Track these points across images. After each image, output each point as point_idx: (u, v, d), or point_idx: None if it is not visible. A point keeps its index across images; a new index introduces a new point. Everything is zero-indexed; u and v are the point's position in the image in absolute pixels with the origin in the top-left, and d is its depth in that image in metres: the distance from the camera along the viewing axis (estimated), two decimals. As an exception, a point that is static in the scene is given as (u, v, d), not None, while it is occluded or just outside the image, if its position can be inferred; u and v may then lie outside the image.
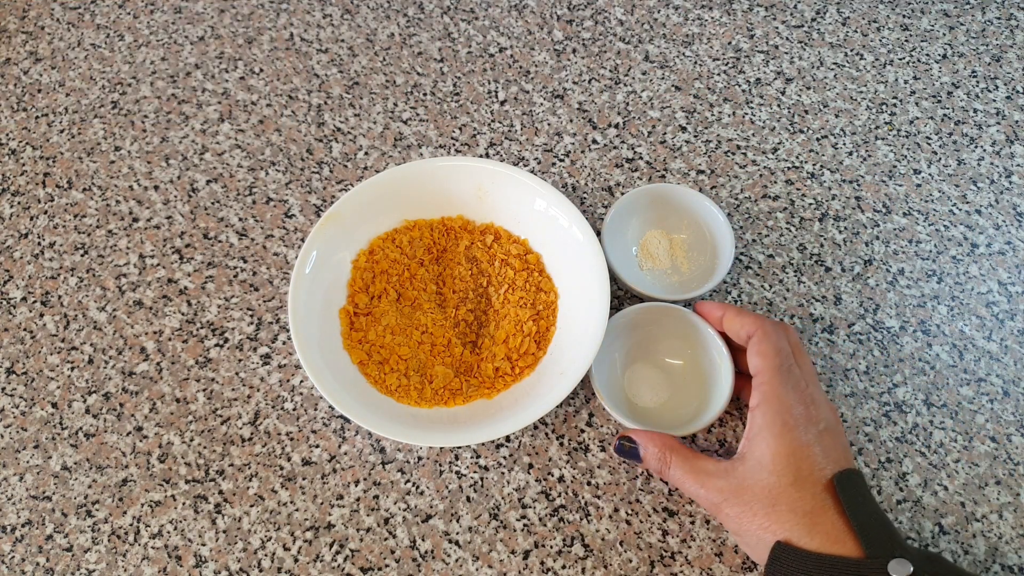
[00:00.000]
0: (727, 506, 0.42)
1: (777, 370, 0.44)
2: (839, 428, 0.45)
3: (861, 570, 0.38)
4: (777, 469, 0.41)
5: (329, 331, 0.51)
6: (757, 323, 0.46)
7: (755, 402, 0.44)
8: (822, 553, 0.39)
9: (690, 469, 0.44)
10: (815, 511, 0.40)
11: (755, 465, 0.42)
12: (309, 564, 0.47)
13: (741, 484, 0.42)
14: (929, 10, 0.68)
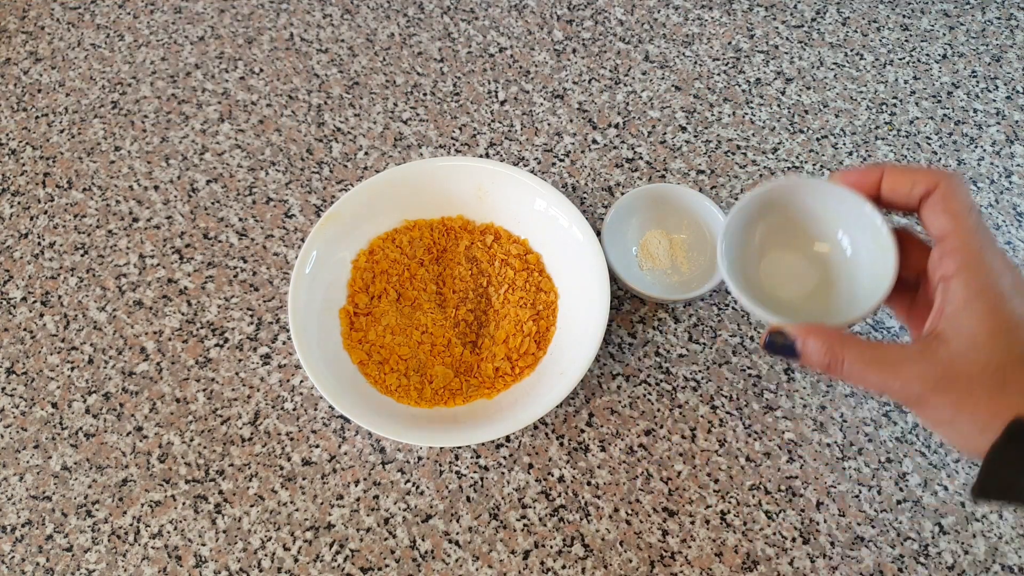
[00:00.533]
0: (934, 395, 0.35)
1: (975, 230, 0.35)
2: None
3: None
4: (1000, 346, 0.34)
5: (329, 331, 0.51)
6: (935, 176, 0.37)
7: (951, 269, 0.36)
8: None
9: (872, 359, 0.36)
10: None
11: (967, 343, 0.34)
12: (309, 564, 0.47)
13: (951, 367, 0.34)
14: (929, 10, 0.68)
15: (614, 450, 0.50)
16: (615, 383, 0.52)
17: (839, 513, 0.48)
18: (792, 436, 0.51)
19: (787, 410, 0.51)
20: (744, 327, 0.54)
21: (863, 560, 0.47)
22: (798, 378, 0.52)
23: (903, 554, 0.47)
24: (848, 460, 0.50)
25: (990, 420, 0.34)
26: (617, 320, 0.54)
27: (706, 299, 0.55)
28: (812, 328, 0.38)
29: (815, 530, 0.48)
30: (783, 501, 0.49)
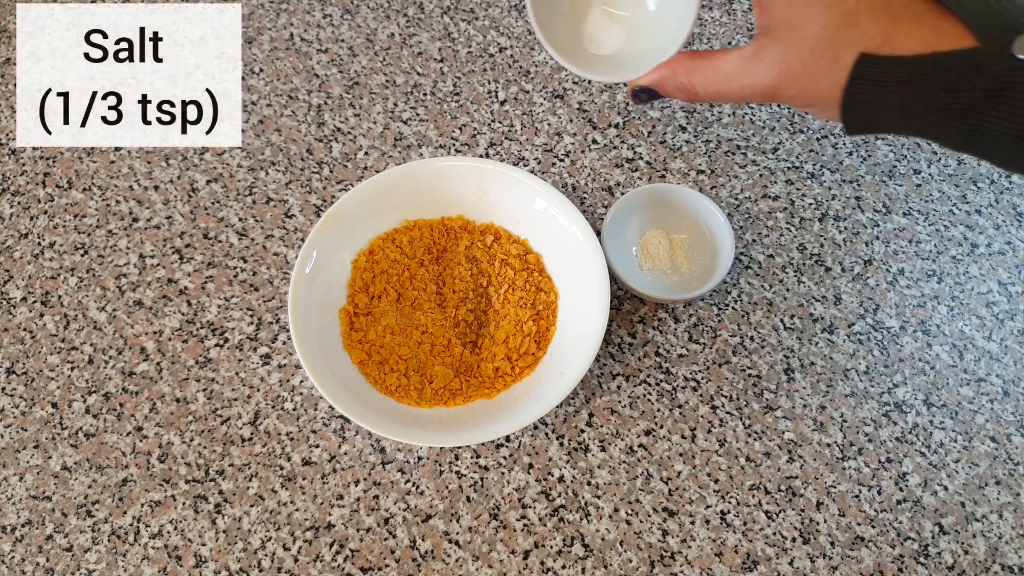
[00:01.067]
0: (784, 89, 0.34)
1: None
2: None
3: (975, 59, 0.29)
4: (818, 23, 0.32)
5: (329, 331, 0.51)
6: None
7: None
8: (920, 54, 0.30)
9: (717, 76, 0.36)
10: (896, 16, 0.31)
11: (787, 30, 0.33)
12: (309, 564, 0.47)
13: (782, 61, 0.34)
14: (929, 10, 0.68)
15: (614, 450, 0.50)
16: (615, 383, 0.52)
17: (839, 513, 0.48)
18: (792, 436, 0.51)
19: (787, 410, 0.51)
20: (744, 327, 0.54)
21: (863, 560, 0.47)
22: (798, 378, 0.52)
23: (903, 554, 0.47)
24: (848, 460, 0.50)
25: (837, 88, 0.33)
26: (617, 320, 0.54)
27: (706, 299, 0.55)
28: (657, 68, 0.38)
29: (815, 530, 0.48)
30: (783, 501, 0.49)
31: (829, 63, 0.32)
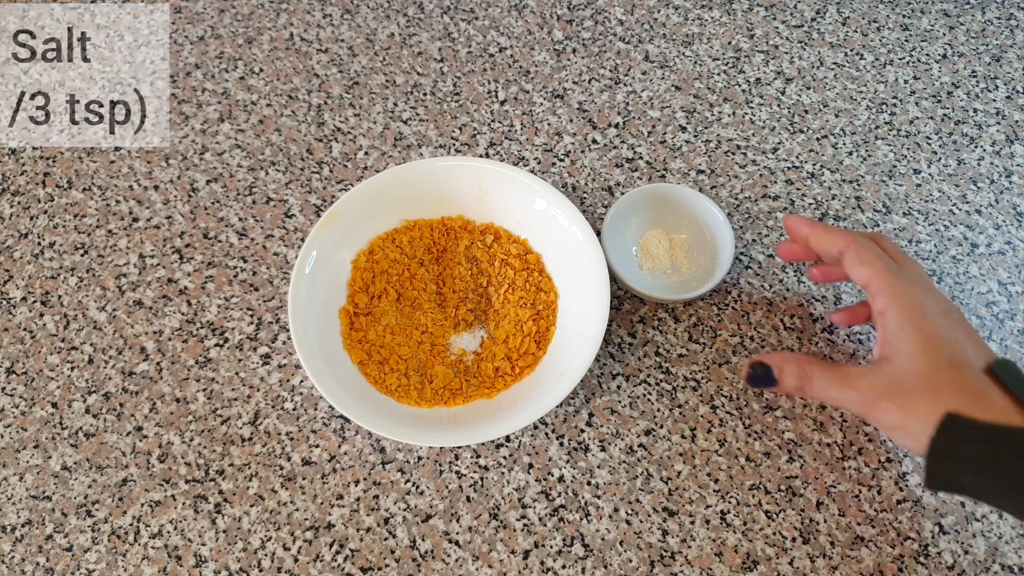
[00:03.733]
0: (884, 401, 0.41)
1: (888, 271, 0.43)
2: (967, 321, 0.44)
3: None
4: (931, 357, 0.40)
5: (329, 331, 0.51)
6: (847, 237, 0.45)
7: (881, 306, 0.43)
8: (995, 423, 0.37)
9: (836, 378, 0.43)
10: (981, 391, 0.39)
11: (906, 358, 0.41)
12: (309, 564, 0.47)
13: (895, 378, 0.41)
14: (929, 10, 0.68)
15: (614, 450, 0.50)
16: (615, 383, 0.52)
17: (839, 513, 0.48)
18: (792, 436, 0.51)
19: (787, 410, 0.51)
20: (744, 327, 0.54)
21: (863, 560, 0.47)
22: (798, 378, 0.52)
23: (903, 554, 0.47)
24: (848, 460, 0.50)
25: (929, 418, 0.39)
26: (617, 320, 0.54)
27: (706, 299, 0.55)
28: (786, 355, 0.45)
29: (815, 530, 0.48)
30: (783, 501, 0.49)
31: (931, 392, 0.39)
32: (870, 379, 0.42)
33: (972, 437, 0.38)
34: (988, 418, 0.37)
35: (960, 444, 0.38)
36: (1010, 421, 0.37)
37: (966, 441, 0.38)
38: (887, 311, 0.43)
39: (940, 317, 0.42)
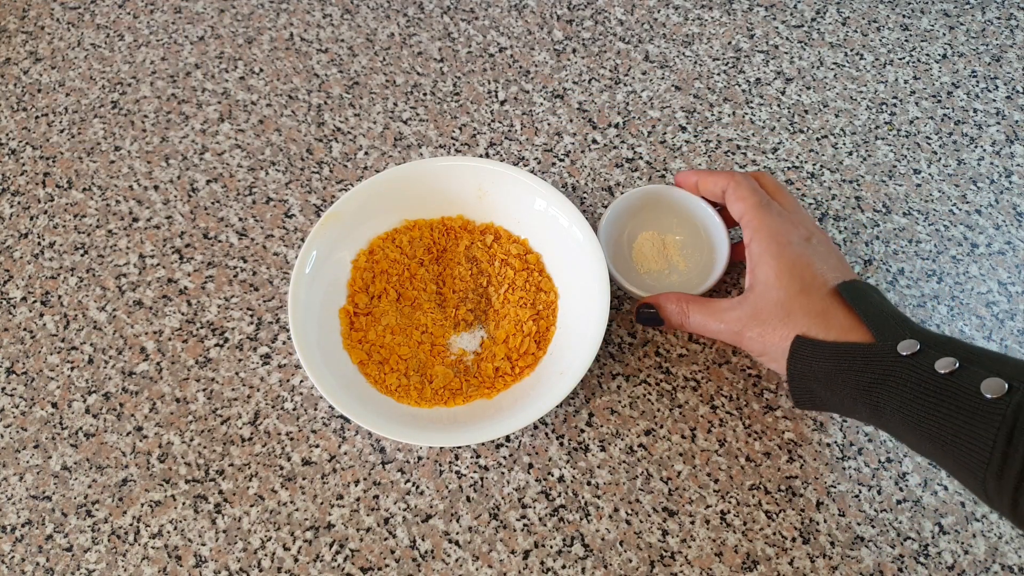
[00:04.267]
0: (747, 330, 0.45)
1: (757, 205, 0.47)
2: (832, 246, 0.48)
3: (872, 352, 0.40)
4: (782, 283, 0.44)
5: (329, 331, 0.51)
6: (727, 176, 0.50)
7: (748, 238, 0.47)
8: (837, 341, 0.42)
9: (708, 312, 0.47)
10: (826, 311, 0.43)
11: (763, 288, 0.45)
12: (309, 564, 0.47)
13: (755, 308, 0.45)
14: (929, 10, 0.68)
15: (614, 450, 0.50)
16: (615, 383, 0.52)
17: (839, 513, 0.48)
18: (792, 436, 0.51)
19: (787, 410, 0.51)
20: (744, 327, 0.54)
21: (863, 560, 0.47)
22: (798, 378, 0.52)
23: (903, 554, 0.47)
24: (848, 460, 0.50)
25: (785, 344, 0.44)
26: (617, 320, 0.54)
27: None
28: (668, 295, 0.50)
29: (815, 530, 0.48)
30: (783, 501, 0.49)
31: (783, 317, 0.44)
32: (737, 311, 0.46)
33: (819, 356, 0.42)
34: (831, 337, 0.42)
35: (810, 363, 0.42)
36: (849, 338, 0.41)
37: (814, 360, 0.42)
38: (752, 243, 0.47)
39: (798, 245, 0.45)
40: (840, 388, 0.41)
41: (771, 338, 0.44)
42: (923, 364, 0.38)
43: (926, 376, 0.38)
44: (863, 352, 0.40)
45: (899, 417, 0.39)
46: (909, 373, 0.38)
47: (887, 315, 0.42)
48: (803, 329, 0.43)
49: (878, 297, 0.43)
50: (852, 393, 0.41)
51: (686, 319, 0.48)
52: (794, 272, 0.44)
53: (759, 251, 0.46)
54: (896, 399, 0.39)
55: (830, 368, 0.41)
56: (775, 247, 0.45)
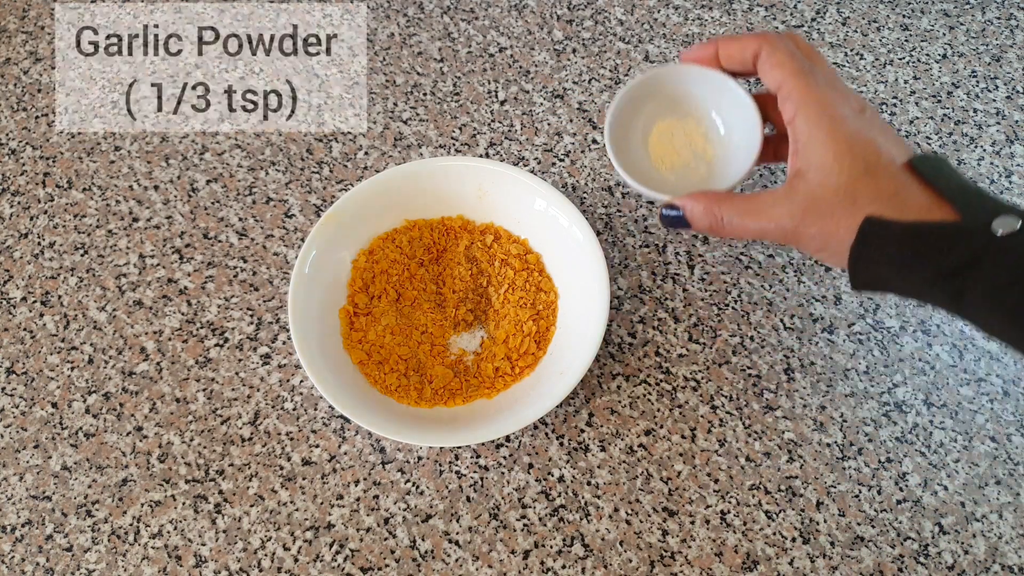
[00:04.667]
0: (803, 227, 0.38)
1: (800, 71, 0.39)
2: (884, 121, 0.41)
3: (961, 232, 0.34)
4: (843, 165, 0.37)
5: (329, 331, 0.51)
6: (759, 39, 0.41)
7: (790, 113, 0.40)
8: (916, 221, 0.35)
9: (747, 210, 0.40)
10: (899, 191, 0.36)
11: (818, 173, 0.38)
12: (309, 564, 0.47)
13: (810, 198, 0.38)
14: (929, 10, 0.68)
15: (614, 450, 0.50)
16: (615, 383, 0.52)
17: (839, 513, 0.48)
18: (792, 436, 0.51)
19: (787, 410, 0.51)
20: (744, 327, 0.54)
21: (863, 560, 0.47)
22: (798, 378, 0.52)
23: (903, 554, 0.47)
24: (848, 460, 0.50)
25: (850, 234, 0.37)
26: (617, 320, 0.54)
27: (706, 299, 0.55)
28: (692, 195, 0.42)
29: (815, 530, 0.48)
30: (783, 501, 0.49)
31: (848, 205, 0.37)
32: (786, 204, 0.39)
33: (893, 239, 0.36)
34: (908, 217, 0.36)
35: (882, 248, 0.37)
36: (930, 217, 0.36)
37: (887, 244, 0.36)
38: (796, 118, 0.39)
39: (853, 119, 0.38)
40: (916, 273, 0.36)
41: (834, 230, 0.37)
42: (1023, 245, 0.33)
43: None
44: (949, 233, 0.35)
45: (989, 304, 0.34)
46: (1005, 256, 0.33)
47: (973, 190, 0.36)
48: (873, 211, 0.36)
49: (956, 171, 0.37)
50: (931, 279, 0.35)
51: (718, 222, 0.41)
52: (855, 150, 0.37)
53: (808, 128, 0.38)
54: (987, 285, 0.34)
55: (906, 253, 0.36)
56: (827, 122, 0.38)
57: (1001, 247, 0.33)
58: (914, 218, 0.36)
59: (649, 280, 0.56)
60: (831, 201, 0.38)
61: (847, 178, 0.37)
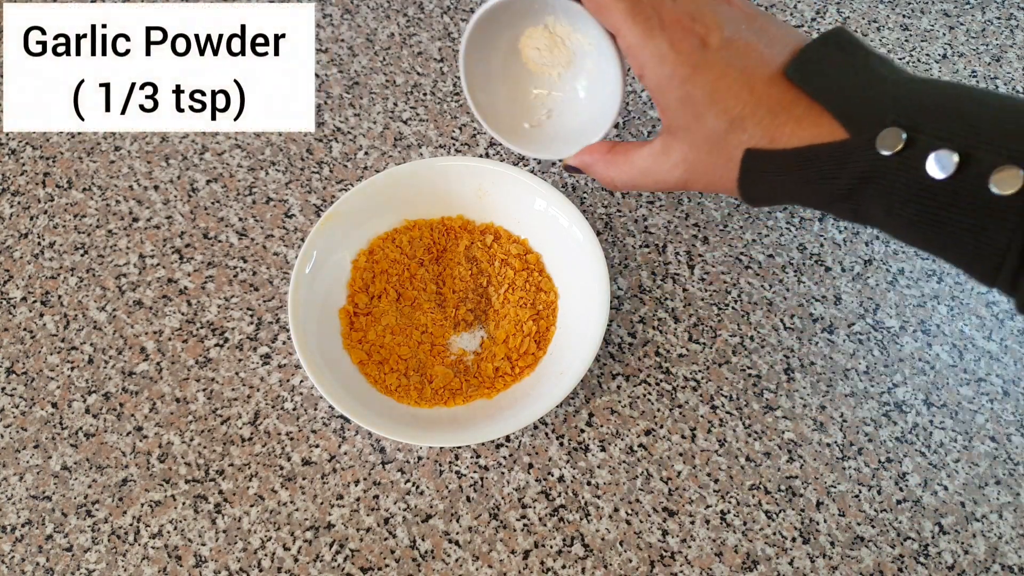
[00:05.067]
0: (692, 178, 0.38)
1: (633, 11, 0.35)
2: (764, 17, 0.37)
3: (845, 152, 0.32)
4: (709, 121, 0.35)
5: (329, 331, 0.51)
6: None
7: (638, 69, 0.37)
8: (796, 148, 0.33)
9: (632, 165, 0.40)
10: (777, 111, 0.34)
11: (685, 133, 0.36)
12: (309, 564, 0.47)
13: (684, 158, 0.37)
14: (929, 10, 0.68)
15: (614, 450, 0.50)
16: (615, 383, 0.52)
17: (839, 513, 0.48)
18: (792, 436, 0.51)
19: (787, 410, 0.51)
20: (744, 327, 0.54)
21: (863, 560, 0.47)
22: (798, 378, 0.52)
23: (903, 554, 0.47)
24: (848, 460, 0.50)
25: (734, 171, 0.36)
26: (617, 320, 0.54)
27: (706, 299, 0.55)
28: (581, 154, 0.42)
29: (815, 530, 0.48)
30: (783, 501, 0.49)
31: (725, 161, 0.36)
32: (665, 162, 0.38)
33: (777, 170, 0.34)
34: (791, 142, 0.33)
35: (769, 180, 0.35)
36: (815, 134, 0.33)
37: (773, 175, 0.35)
38: (645, 76, 0.36)
39: (716, 51, 0.34)
40: (808, 197, 0.35)
41: (718, 175, 0.36)
42: (912, 164, 0.30)
43: (916, 181, 0.30)
44: (833, 154, 0.32)
45: (888, 220, 0.33)
46: (895, 177, 0.31)
47: (858, 90, 0.32)
48: (753, 142, 0.34)
49: (845, 60, 0.33)
50: (825, 200, 0.34)
51: (611, 182, 0.41)
52: (719, 96, 0.34)
53: (660, 87, 0.36)
54: (882, 204, 0.32)
55: (795, 180, 0.34)
56: (679, 77, 0.35)
57: (889, 166, 0.31)
58: (797, 142, 0.33)
59: (649, 280, 0.56)
60: (705, 160, 0.36)
61: (716, 128, 0.35)
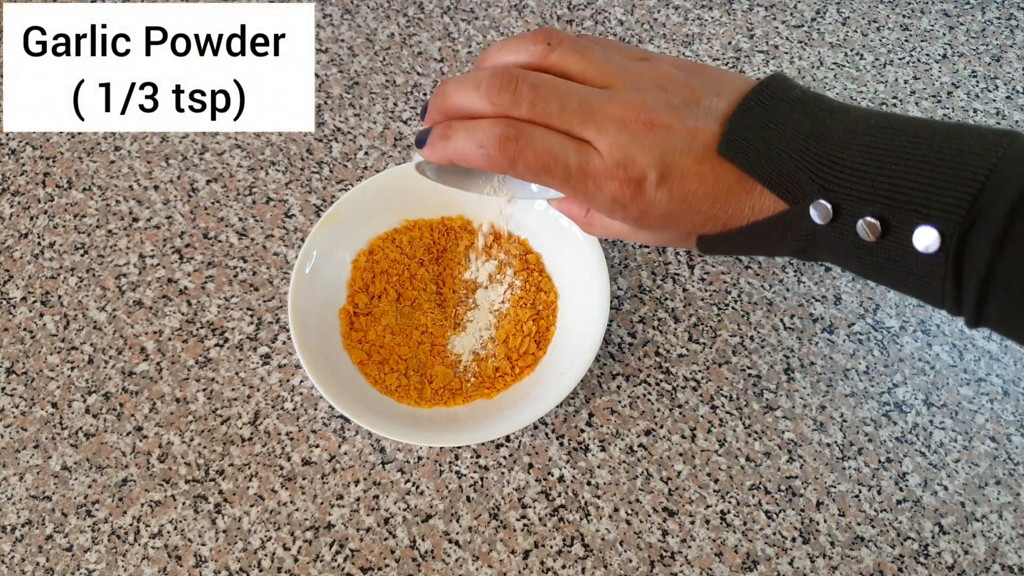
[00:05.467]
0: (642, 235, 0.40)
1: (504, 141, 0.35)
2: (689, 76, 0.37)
3: (787, 223, 0.34)
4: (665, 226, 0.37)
5: (329, 331, 0.51)
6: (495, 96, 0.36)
7: (591, 216, 0.41)
8: (739, 227, 0.35)
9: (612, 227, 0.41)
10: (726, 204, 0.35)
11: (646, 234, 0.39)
12: (309, 564, 0.47)
13: (654, 238, 0.40)
14: (929, 10, 0.68)
15: (614, 450, 0.50)
16: (615, 383, 0.52)
17: (839, 513, 0.48)
18: (792, 436, 0.51)
19: (787, 410, 0.51)
20: (744, 327, 0.54)
21: (863, 560, 0.47)
22: (798, 378, 0.52)
23: (903, 554, 0.47)
24: (848, 460, 0.50)
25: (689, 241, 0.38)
26: (617, 320, 0.54)
27: (706, 299, 0.55)
28: (565, 207, 0.43)
29: (815, 530, 0.48)
30: (783, 501, 0.49)
31: (683, 241, 0.39)
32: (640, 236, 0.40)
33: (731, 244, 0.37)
34: (741, 222, 0.35)
35: (725, 249, 0.38)
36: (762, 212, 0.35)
37: (729, 246, 0.37)
38: (595, 222, 0.41)
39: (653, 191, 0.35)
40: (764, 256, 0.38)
41: (669, 237, 0.38)
42: (845, 229, 0.32)
43: (853, 242, 0.33)
44: (776, 225, 0.34)
45: (841, 266, 0.36)
46: (834, 240, 0.33)
47: (784, 158, 0.33)
48: (701, 227, 0.36)
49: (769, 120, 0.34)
50: (781, 255, 0.37)
51: (592, 231, 0.43)
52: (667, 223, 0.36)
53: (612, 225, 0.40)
54: (830, 257, 0.35)
55: (749, 247, 0.37)
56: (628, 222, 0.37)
57: (827, 232, 0.33)
58: (743, 220, 0.35)
59: (649, 280, 0.56)
60: (668, 240, 0.40)
61: (673, 236, 0.38)
